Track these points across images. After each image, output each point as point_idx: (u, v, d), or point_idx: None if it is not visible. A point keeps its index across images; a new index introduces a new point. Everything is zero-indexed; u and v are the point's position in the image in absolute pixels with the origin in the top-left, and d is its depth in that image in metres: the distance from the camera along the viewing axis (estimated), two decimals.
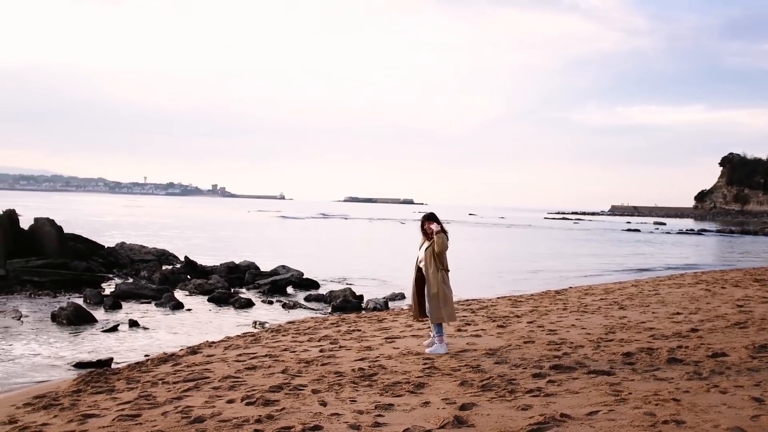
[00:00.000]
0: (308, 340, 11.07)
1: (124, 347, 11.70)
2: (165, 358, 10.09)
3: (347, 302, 16.60)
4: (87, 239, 24.20)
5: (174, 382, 8.25)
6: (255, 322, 14.21)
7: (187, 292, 18.63)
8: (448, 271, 9.75)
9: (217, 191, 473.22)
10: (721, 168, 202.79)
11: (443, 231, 9.64)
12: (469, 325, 12.41)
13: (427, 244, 9.72)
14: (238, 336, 12.08)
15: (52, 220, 21.71)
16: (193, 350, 10.72)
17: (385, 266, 28.04)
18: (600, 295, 17.64)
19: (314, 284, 20.67)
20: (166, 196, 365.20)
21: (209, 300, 17.28)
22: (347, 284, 21.78)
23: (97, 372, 9.26)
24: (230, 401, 7.08)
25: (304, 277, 21.03)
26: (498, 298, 18.09)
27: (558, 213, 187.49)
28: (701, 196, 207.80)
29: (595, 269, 30.54)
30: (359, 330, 12.05)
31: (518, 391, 7.25)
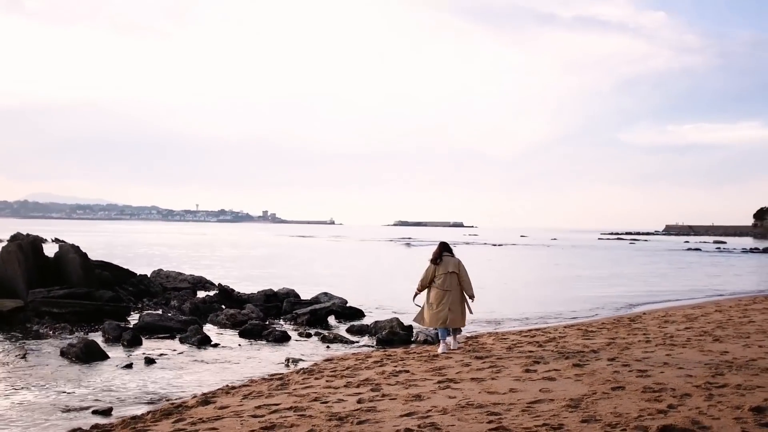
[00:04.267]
0: (345, 385, 9.16)
1: (131, 392, 9.91)
2: (169, 411, 8.27)
3: (394, 335, 14.66)
4: (117, 266, 22.70)
5: None
6: (288, 360, 12.37)
7: (218, 325, 16.90)
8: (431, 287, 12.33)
9: (267, 217, 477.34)
10: None
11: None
12: (538, 363, 10.39)
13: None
14: (264, 379, 10.21)
15: (77, 247, 20.26)
16: (206, 399, 8.87)
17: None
18: (683, 323, 15.43)
19: (359, 314, 18.74)
20: (217, 223, 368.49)
21: (240, 334, 15.50)
22: (395, 313, 19.89)
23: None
24: None
25: (347, 305, 19.16)
26: (565, 327, 15.99)
27: (612, 234, 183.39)
28: (761, 214, 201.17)
29: (664, 292, 28.11)
30: (407, 371, 10.10)
31: None
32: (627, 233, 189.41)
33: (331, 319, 17.99)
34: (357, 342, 14.74)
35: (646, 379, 8.81)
